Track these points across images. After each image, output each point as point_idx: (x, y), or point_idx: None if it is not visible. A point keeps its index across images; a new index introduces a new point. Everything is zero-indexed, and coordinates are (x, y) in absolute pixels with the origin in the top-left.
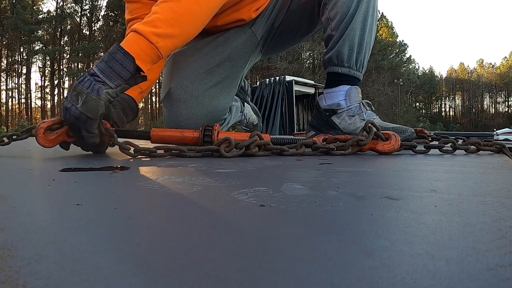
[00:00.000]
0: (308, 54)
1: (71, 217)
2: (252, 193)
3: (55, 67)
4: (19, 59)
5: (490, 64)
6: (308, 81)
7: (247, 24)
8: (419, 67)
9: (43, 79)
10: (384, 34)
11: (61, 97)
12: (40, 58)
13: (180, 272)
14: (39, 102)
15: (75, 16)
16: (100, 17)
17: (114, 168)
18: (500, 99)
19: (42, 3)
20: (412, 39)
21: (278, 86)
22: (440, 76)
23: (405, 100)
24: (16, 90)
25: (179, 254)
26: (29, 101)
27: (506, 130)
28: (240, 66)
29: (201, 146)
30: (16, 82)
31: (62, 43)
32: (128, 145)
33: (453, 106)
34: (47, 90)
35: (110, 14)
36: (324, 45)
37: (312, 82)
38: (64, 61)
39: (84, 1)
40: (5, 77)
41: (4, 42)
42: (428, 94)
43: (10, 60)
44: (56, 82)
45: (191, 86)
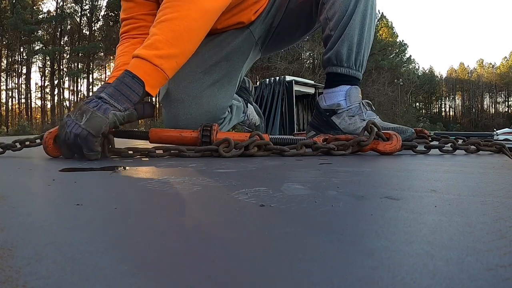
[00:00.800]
0: (308, 54)
1: (71, 217)
2: (252, 193)
3: (55, 67)
4: (19, 59)
5: (490, 64)
6: (308, 81)
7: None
8: (419, 67)
9: (43, 79)
10: (384, 34)
11: (61, 97)
12: (40, 58)
13: (180, 272)
14: (39, 102)
15: (75, 16)
16: (100, 17)
17: (114, 168)
18: (500, 99)
19: (42, 3)
20: (412, 39)
21: (278, 86)
22: (440, 76)
23: (405, 100)
24: (16, 90)
25: (179, 254)
26: (29, 101)
27: (506, 130)
28: (238, 65)
29: (200, 146)
30: (16, 82)
31: (62, 43)
32: (126, 151)
33: (453, 106)
34: (47, 90)
35: (110, 14)
36: (323, 45)
37: (312, 82)
38: (64, 61)
39: (84, 1)
40: (5, 77)
41: (4, 42)
42: (428, 94)
43: (10, 60)
44: (56, 82)
45: (189, 86)
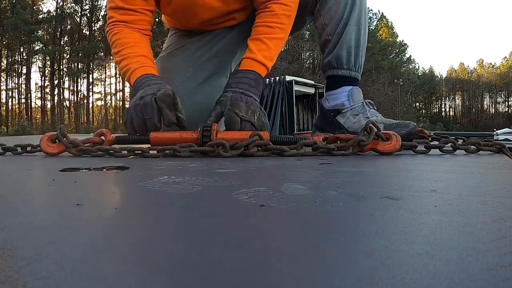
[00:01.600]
0: (308, 54)
1: (71, 217)
2: (252, 193)
3: (55, 67)
4: (19, 59)
5: (490, 64)
6: (308, 81)
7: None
8: (419, 67)
9: (43, 79)
10: (384, 34)
11: (61, 97)
12: (40, 58)
13: (180, 272)
14: (39, 102)
15: (75, 16)
16: (100, 17)
17: (114, 168)
18: (500, 99)
19: (42, 3)
20: (412, 39)
21: (278, 86)
22: (440, 76)
23: (405, 100)
24: (16, 90)
25: (179, 254)
26: (29, 101)
27: (506, 130)
28: (228, 61)
29: (202, 144)
30: (16, 82)
31: (62, 43)
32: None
33: (453, 106)
34: (47, 90)
35: None
36: (321, 50)
37: (312, 82)
38: (64, 61)
39: (84, 1)
40: (5, 77)
41: (4, 42)
42: (428, 94)
43: (10, 60)
44: (56, 82)
45: (182, 84)
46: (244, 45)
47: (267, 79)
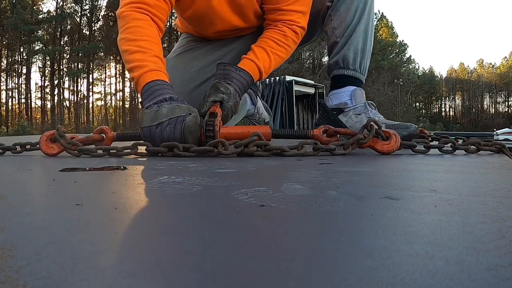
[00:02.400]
0: (308, 54)
1: (71, 217)
2: (252, 193)
3: (55, 67)
4: (19, 59)
5: (490, 64)
6: (308, 81)
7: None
8: (419, 67)
9: (43, 79)
10: (384, 34)
11: (61, 97)
12: (40, 58)
13: (180, 272)
14: (39, 102)
15: (75, 16)
16: (100, 17)
17: (114, 168)
18: (500, 99)
19: (42, 3)
20: (412, 39)
21: (278, 86)
22: (440, 76)
23: (405, 100)
24: (16, 90)
25: (179, 254)
26: (29, 101)
27: (506, 130)
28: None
29: (205, 142)
30: (16, 82)
31: (62, 43)
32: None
33: (453, 106)
34: (47, 90)
35: (110, 14)
36: (328, 52)
37: (312, 82)
38: (64, 61)
39: (84, 1)
40: (5, 77)
41: (4, 42)
42: (428, 94)
43: (10, 60)
44: (56, 82)
45: (182, 84)
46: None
47: (267, 79)
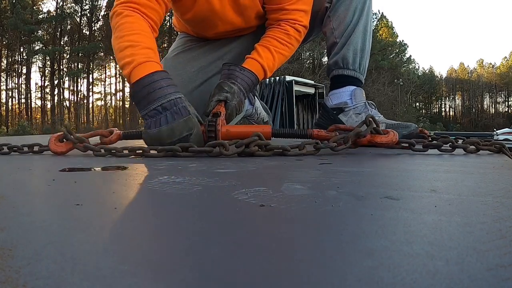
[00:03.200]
0: (308, 54)
1: (71, 217)
2: (252, 193)
3: (55, 67)
4: (19, 59)
5: (490, 64)
6: (308, 81)
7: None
8: (419, 67)
9: (43, 79)
10: (384, 34)
11: (61, 97)
12: (40, 58)
13: (180, 272)
14: (39, 102)
15: (75, 16)
16: (100, 17)
17: (114, 168)
18: (500, 99)
19: (42, 3)
20: (412, 39)
21: (278, 86)
22: (440, 76)
23: (405, 100)
24: (16, 90)
25: (179, 254)
26: (29, 101)
27: (506, 130)
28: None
29: (207, 141)
30: (16, 82)
31: (62, 43)
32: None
33: (453, 106)
34: (47, 90)
35: None
36: (327, 53)
37: (312, 82)
38: (64, 61)
39: (84, 1)
40: (5, 77)
41: (4, 42)
42: (428, 94)
43: (10, 60)
44: (56, 82)
45: (182, 84)
46: (249, 52)
47: (267, 79)
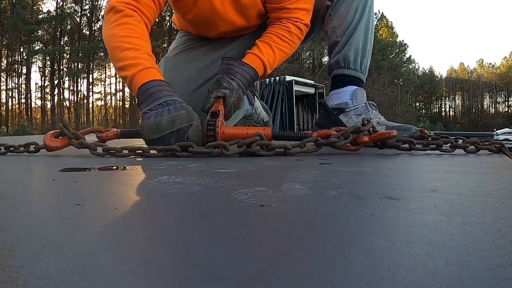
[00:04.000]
0: (308, 54)
1: (71, 217)
2: (252, 193)
3: (55, 67)
4: (19, 59)
5: (490, 64)
6: (308, 81)
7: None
8: (419, 67)
9: (43, 79)
10: (384, 34)
11: (61, 97)
12: (40, 58)
13: (180, 272)
14: (39, 102)
15: (75, 16)
16: (100, 17)
17: (114, 168)
18: (500, 99)
19: (42, 3)
20: (412, 39)
21: (278, 86)
22: (440, 76)
23: (405, 100)
24: (16, 90)
25: (179, 254)
26: (29, 101)
27: (506, 130)
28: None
29: (206, 142)
30: (16, 82)
31: (62, 43)
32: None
33: (453, 106)
34: (47, 90)
35: None
36: (328, 52)
37: (312, 82)
38: (64, 61)
39: (84, 1)
40: (5, 77)
41: (4, 42)
42: (428, 94)
43: (10, 60)
44: (56, 82)
45: (183, 84)
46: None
47: (267, 79)
